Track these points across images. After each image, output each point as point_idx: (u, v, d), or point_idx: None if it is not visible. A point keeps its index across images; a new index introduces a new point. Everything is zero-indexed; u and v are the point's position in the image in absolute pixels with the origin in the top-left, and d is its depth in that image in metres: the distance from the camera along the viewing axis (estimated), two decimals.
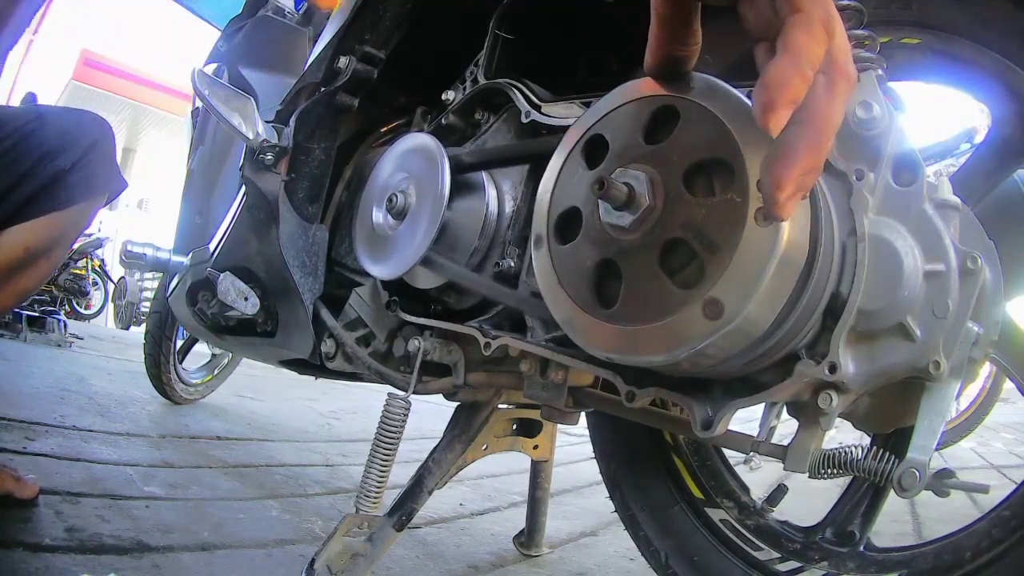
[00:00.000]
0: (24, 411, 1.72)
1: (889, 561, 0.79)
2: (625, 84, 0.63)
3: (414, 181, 0.94)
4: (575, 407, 0.86)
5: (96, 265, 7.95)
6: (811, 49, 0.45)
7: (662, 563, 0.97)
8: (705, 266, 0.55)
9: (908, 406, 0.61)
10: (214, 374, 2.51)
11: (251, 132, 1.01)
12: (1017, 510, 0.70)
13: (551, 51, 1.01)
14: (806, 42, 0.45)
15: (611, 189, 0.57)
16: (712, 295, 0.54)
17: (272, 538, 1.17)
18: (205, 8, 4.37)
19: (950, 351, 0.56)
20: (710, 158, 0.56)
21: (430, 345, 0.92)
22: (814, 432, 0.63)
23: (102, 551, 0.97)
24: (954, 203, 0.58)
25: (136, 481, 1.35)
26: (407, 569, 1.15)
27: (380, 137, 1.18)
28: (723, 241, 0.54)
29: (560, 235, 0.66)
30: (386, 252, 0.96)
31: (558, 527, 1.52)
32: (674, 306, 0.56)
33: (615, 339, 0.60)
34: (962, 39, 0.68)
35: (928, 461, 0.58)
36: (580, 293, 0.63)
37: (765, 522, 0.94)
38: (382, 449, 0.91)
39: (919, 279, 0.57)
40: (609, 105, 0.64)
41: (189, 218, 1.41)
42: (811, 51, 0.45)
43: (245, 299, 1.08)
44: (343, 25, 1.02)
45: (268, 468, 1.72)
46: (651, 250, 0.58)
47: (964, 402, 3.03)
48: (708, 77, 0.57)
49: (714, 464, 1.01)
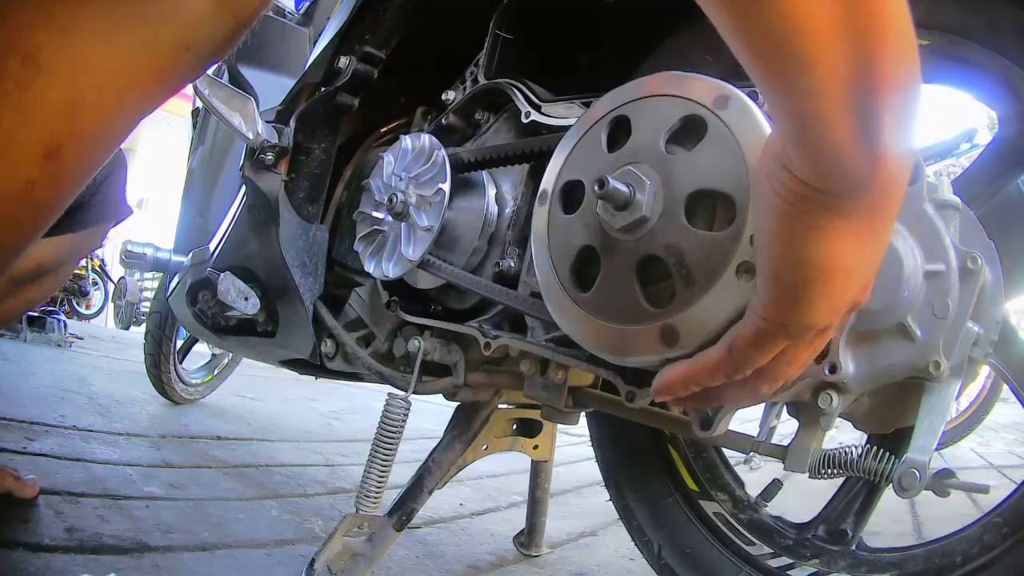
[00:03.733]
0: (24, 411, 1.71)
1: (880, 562, 0.79)
2: (672, 73, 0.62)
3: (414, 181, 0.94)
4: (575, 407, 0.86)
5: (96, 265, 7.94)
6: (747, 360, 0.43)
7: (655, 554, 0.97)
8: (676, 293, 0.55)
9: (908, 406, 0.61)
10: (214, 374, 2.51)
11: (251, 132, 1.01)
12: (1009, 517, 0.70)
13: (551, 51, 1.01)
14: (747, 354, 0.42)
15: (610, 190, 0.57)
16: (672, 323, 0.54)
17: (272, 538, 1.17)
18: None
19: (950, 351, 0.56)
20: (718, 190, 0.55)
21: (430, 345, 0.92)
22: (814, 432, 0.63)
23: (102, 551, 0.97)
24: (954, 203, 0.58)
25: (136, 481, 1.35)
26: (407, 569, 1.15)
27: (380, 137, 1.18)
28: (700, 279, 0.54)
29: (563, 202, 0.66)
30: (386, 252, 0.96)
31: (558, 527, 1.52)
32: (636, 318, 0.57)
33: (579, 323, 0.62)
34: (970, 42, 0.68)
35: (928, 461, 0.58)
36: (562, 267, 0.64)
37: (758, 517, 0.94)
38: (382, 449, 0.91)
39: (919, 279, 0.57)
40: (646, 90, 0.63)
41: (189, 218, 1.41)
42: (745, 362, 0.43)
43: (245, 299, 1.08)
44: (343, 25, 1.02)
45: (268, 468, 1.72)
46: (633, 258, 0.58)
47: (964, 402, 3.03)
48: (749, 102, 0.56)
49: (710, 457, 1.01)
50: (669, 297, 0.56)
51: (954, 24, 0.69)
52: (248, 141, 1.01)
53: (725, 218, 0.55)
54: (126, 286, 8.06)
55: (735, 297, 0.52)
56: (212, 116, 1.15)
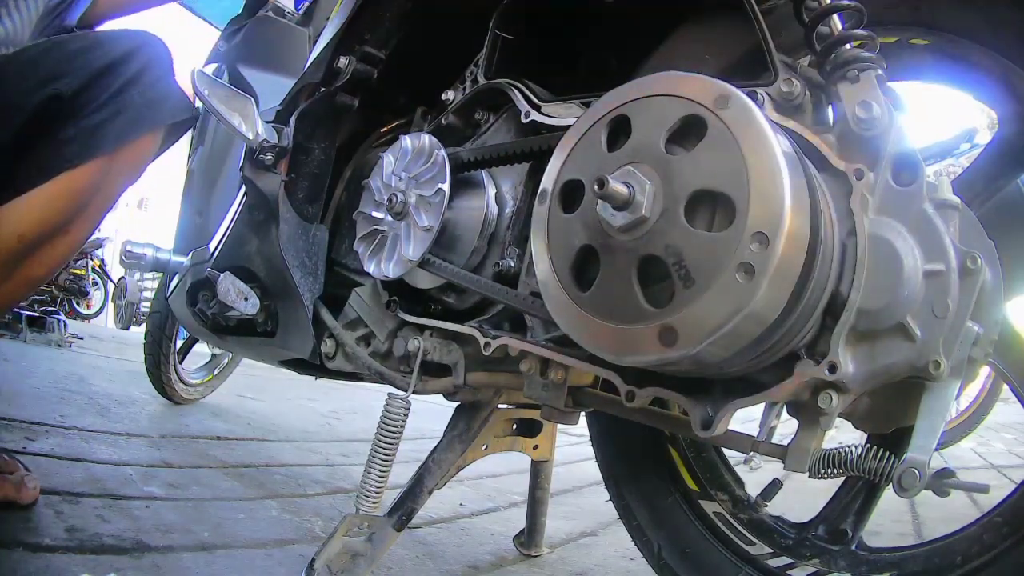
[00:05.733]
0: (24, 411, 1.71)
1: (880, 561, 0.79)
2: (672, 73, 0.62)
3: (414, 181, 0.94)
4: (575, 407, 0.86)
5: (96, 265, 7.94)
6: None
7: (655, 554, 0.97)
8: (675, 293, 0.55)
9: (908, 406, 0.61)
10: (214, 374, 2.51)
11: (251, 132, 1.01)
12: (1008, 516, 0.70)
13: (551, 51, 1.01)
14: None
15: (610, 190, 0.57)
16: (671, 324, 0.54)
17: (272, 538, 1.17)
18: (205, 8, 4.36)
19: (950, 351, 0.56)
20: (719, 191, 0.55)
21: (430, 345, 0.92)
22: (814, 432, 0.63)
23: (102, 551, 0.97)
24: (954, 203, 0.58)
25: (136, 481, 1.35)
26: (407, 569, 1.15)
27: (380, 137, 1.18)
28: (699, 279, 0.54)
29: (562, 201, 0.66)
30: (386, 252, 0.96)
31: (558, 527, 1.52)
32: (635, 318, 0.57)
33: (578, 322, 0.62)
34: (971, 42, 0.68)
35: (928, 461, 0.58)
36: (562, 266, 0.65)
37: (758, 517, 0.94)
38: (382, 449, 0.91)
39: (919, 279, 0.57)
40: (646, 90, 0.63)
41: (189, 218, 1.41)
42: None
43: (245, 299, 1.07)
44: (343, 25, 1.02)
45: (268, 468, 1.71)
46: (632, 257, 0.58)
47: (964, 402, 3.03)
48: (749, 102, 0.56)
49: (710, 457, 1.01)
50: (668, 297, 0.56)
51: (954, 24, 0.69)
52: (248, 141, 1.01)
53: (725, 218, 0.55)
54: (126, 286, 8.06)
55: (735, 298, 0.52)
56: (212, 116, 1.15)
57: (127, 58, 0.86)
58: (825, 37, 0.64)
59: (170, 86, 0.91)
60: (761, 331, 0.54)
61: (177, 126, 0.94)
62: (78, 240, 0.91)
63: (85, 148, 0.82)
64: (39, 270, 0.90)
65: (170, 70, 0.92)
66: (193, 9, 4.72)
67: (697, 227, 0.56)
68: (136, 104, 0.85)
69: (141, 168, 0.92)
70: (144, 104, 0.87)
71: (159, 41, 0.93)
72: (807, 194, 0.54)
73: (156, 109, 0.89)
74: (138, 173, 0.92)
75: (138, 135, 0.87)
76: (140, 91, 0.86)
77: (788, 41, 0.73)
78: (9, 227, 0.82)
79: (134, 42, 0.89)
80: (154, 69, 0.88)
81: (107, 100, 0.83)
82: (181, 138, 1.00)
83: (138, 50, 0.88)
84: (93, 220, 0.91)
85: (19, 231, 0.82)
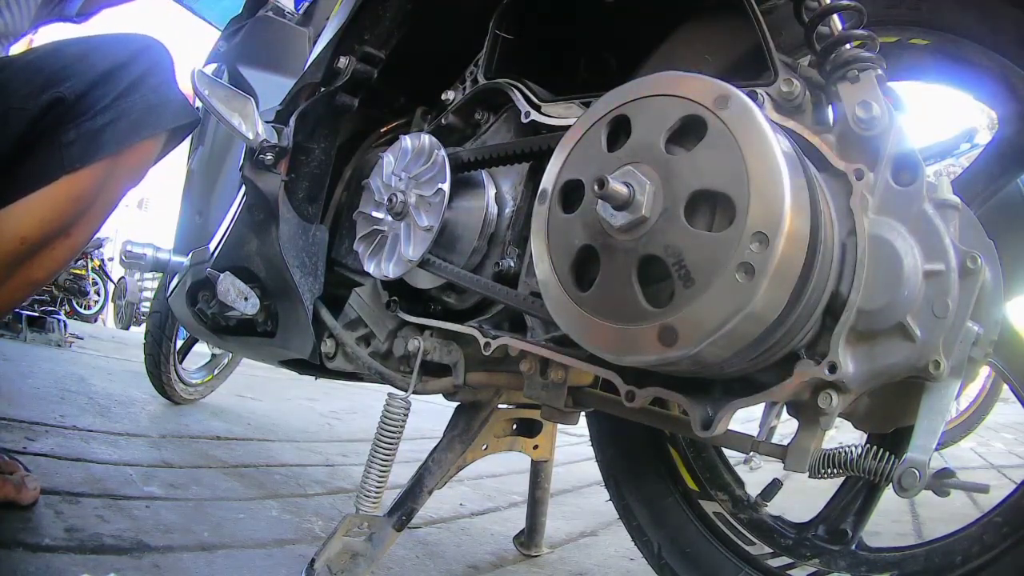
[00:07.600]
0: (24, 411, 1.71)
1: (880, 561, 0.79)
2: (672, 73, 0.62)
3: (414, 181, 0.94)
4: (575, 407, 0.86)
5: (96, 265, 7.94)
6: None
7: (655, 554, 0.97)
8: (675, 293, 0.55)
9: (908, 406, 0.61)
10: (214, 374, 2.51)
11: (251, 132, 1.01)
12: (1008, 516, 0.70)
13: (551, 51, 1.01)
14: None
15: (610, 190, 0.57)
16: (671, 323, 0.54)
17: (272, 538, 1.17)
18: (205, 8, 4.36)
19: (950, 351, 0.56)
20: (719, 191, 0.55)
21: (430, 345, 0.92)
22: (814, 432, 0.63)
23: (102, 551, 0.97)
24: (954, 203, 0.58)
25: (136, 481, 1.35)
26: (407, 569, 1.15)
27: (380, 137, 1.18)
28: (699, 279, 0.54)
29: (562, 201, 0.66)
30: (386, 252, 0.96)
31: (558, 527, 1.52)
32: (635, 318, 0.57)
33: (578, 322, 0.62)
34: (971, 42, 0.68)
35: (928, 461, 0.58)
36: (562, 266, 0.65)
37: (758, 517, 0.94)
38: (382, 449, 0.91)
39: (919, 279, 0.57)
40: (646, 90, 0.63)
41: (189, 218, 1.41)
42: None
43: (245, 299, 1.07)
44: (343, 25, 1.02)
45: (268, 468, 1.71)
46: (632, 257, 0.58)
47: (964, 402, 3.03)
48: (749, 102, 0.56)
49: (710, 457, 1.01)
50: (668, 297, 0.56)
51: (954, 24, 0.69)
52: (248, 141, 1.01)
53: (725, 218, 0.55)
54: (126, 286, 8.07)
55: (735, 298, 0.52)
56: (212, 116, 1.15)
57: (130, 62, 0.87)
58: (825, 37, 0.64)
59: (172, 90, 0.92)
60: (761, 331, 0.54)
61: (179, 130, 0.95)
62: (79, 243, 0.92)
63: (87, 152, 0.83)
64: (40, 272, 0.91)
65: (172, 74, 0.93)
66: (193, 9, 4.72)
67: (697, 227, 0.56)
68: (138, 108, 0.86)
69: (143, 172, 0.92)
70: (146, 108, 0.88)
71: (161, 45, 0.93)
72: (807, 194, 0.54)
73: (158, 113, 0.90)
74: (140, 177, 0.93)
75: (140, 139, 0.88)
76: (142, 95, 0.87)
77: (788, 41, 0.73)
78: (11, 229, 0.83)
79: (136, 46, 0.90)
80: (156, 73, 0.89)
81: (109, 104, 0.84)
82: (183, 142, 1.01)
83: (140, 54, 0.89)
84: (94, 223, 0.92)
85: (21, 233, 0.83)
